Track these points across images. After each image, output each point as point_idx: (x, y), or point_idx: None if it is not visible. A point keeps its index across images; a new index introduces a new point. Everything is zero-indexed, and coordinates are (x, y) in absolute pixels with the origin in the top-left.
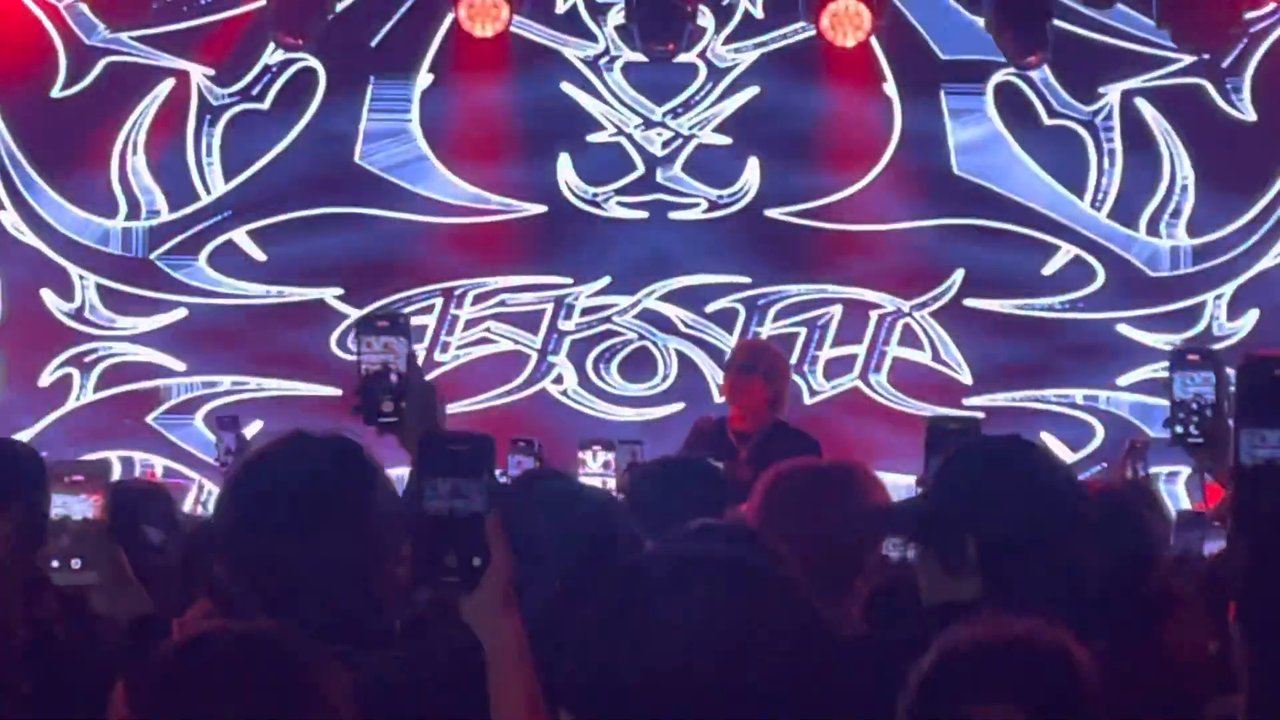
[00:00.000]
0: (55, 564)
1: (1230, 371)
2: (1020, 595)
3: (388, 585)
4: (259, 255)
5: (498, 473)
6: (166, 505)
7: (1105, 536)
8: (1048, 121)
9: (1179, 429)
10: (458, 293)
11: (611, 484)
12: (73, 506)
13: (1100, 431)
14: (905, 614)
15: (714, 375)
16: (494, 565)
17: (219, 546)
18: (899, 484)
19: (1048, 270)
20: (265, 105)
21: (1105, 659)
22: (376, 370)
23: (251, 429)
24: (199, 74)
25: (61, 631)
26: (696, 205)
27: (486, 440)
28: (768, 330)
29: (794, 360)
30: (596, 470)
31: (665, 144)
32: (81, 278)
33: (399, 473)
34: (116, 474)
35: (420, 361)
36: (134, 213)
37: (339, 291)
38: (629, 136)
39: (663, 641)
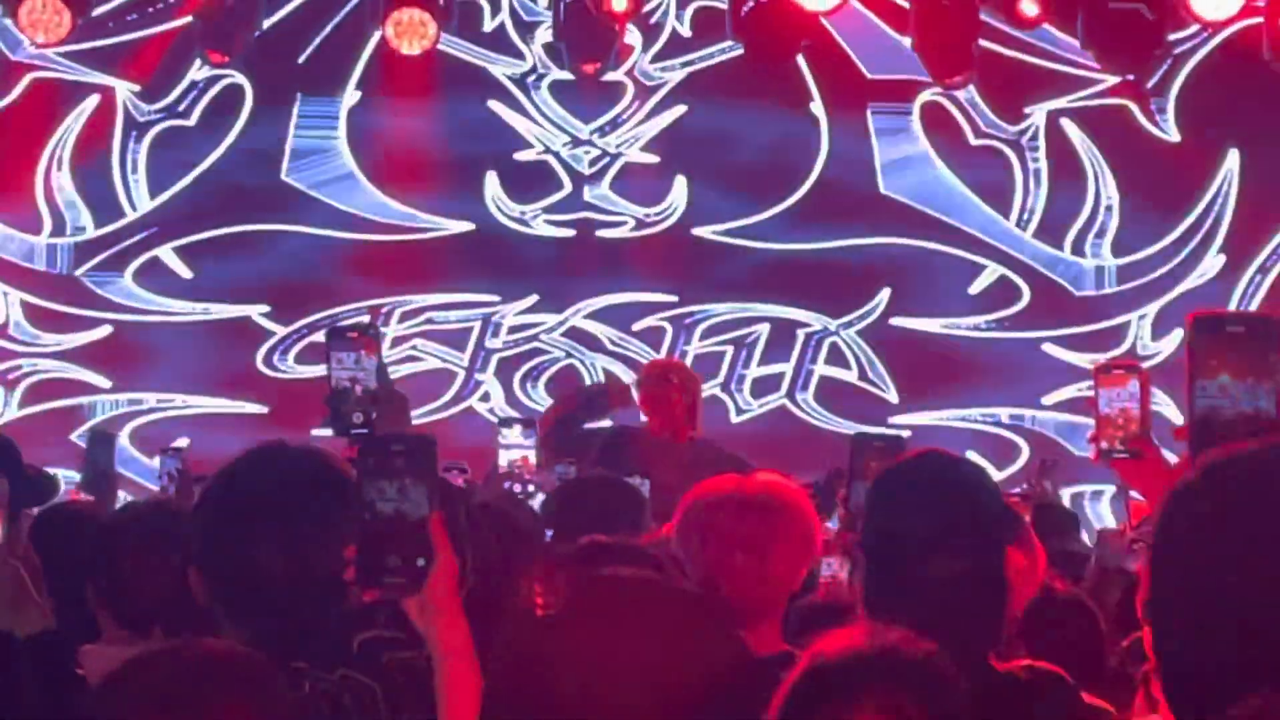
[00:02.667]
0: None
1: (1154, 389)
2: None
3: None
4: (185, 272)
5: None
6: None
7: None
8: (974, 141)
9: (1104, 444)
10: (384, 310)
11: (531, 455)
12: None
13: (1025, 450)
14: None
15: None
16: (438, 565)
17: (192, 558)
18: None
19: (974, 289)
20: (191, 121)
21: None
22: (345, 384)
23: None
24: (125, 90)
25: None
26: (624, 223)
27: (428, 440)
28: (694, 348)
29: (720, 379)
30: (515, 440)
31: (592, 162)
32: (5, 294)
33: None
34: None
35: None
36: (59, 229)
37: (265, 309)
38: (556, 154)
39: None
